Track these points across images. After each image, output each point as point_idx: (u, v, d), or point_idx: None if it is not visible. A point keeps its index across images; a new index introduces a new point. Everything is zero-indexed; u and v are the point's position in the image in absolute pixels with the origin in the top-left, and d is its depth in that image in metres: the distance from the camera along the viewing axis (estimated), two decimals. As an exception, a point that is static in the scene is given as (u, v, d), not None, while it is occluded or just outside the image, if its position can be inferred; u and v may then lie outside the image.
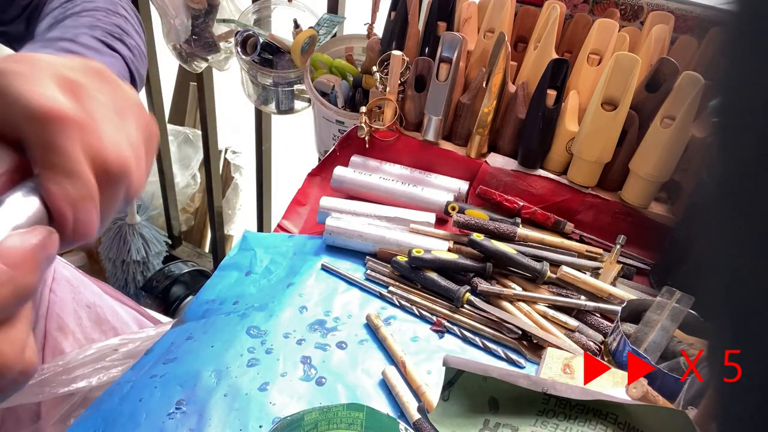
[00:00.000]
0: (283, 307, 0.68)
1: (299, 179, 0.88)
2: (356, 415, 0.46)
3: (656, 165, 0.74)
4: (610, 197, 0.80)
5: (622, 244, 0.74)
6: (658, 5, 0.86)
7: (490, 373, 0.48)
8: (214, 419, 0.56)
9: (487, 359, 0.64)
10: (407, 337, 0.66)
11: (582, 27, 0.87)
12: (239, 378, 0.60)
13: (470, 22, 0.91)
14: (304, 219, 0.84)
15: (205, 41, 1.35)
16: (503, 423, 0.48)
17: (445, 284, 0.69)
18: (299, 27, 1.15)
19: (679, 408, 0.50)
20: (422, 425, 0.55)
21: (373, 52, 0.93)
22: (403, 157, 0.88)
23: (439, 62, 0.82)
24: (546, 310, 0.68)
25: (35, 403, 0.70)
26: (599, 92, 0.75)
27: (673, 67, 0.74)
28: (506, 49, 0.79)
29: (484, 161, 0.84)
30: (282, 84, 1.23)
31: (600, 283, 0.69)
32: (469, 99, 0.85)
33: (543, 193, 0.82)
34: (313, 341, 0.65)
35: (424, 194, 0.82)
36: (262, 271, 0.74)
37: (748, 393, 0.19)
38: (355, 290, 0.72)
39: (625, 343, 0.59)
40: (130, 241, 1.58)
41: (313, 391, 0.60)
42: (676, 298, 0.63)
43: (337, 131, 0.98)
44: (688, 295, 0.62)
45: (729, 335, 0.20)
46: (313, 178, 0.89)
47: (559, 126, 0.80)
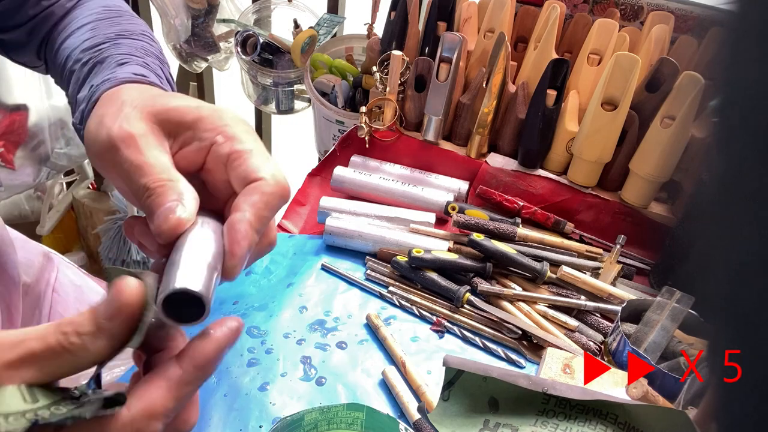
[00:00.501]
0: (283, 307, 0.68)
1: (299, 179, 0.88)
2: (356, 415, 0.46)
3: (656, 165, 0.74)
4: (610, 197, 0.80)
5: (622, 244, 0.74)
6: (658, 5, 0.86)
7: (490, 373, 0.48)
8: (214, 419, 0.56)
9: (487, 359, 0.64)
10: (407, 337, 0.66)
11: (582, 27, 0.87)
12: (239, 378, 0.60)
13: (470, 22, 0.91)
14: (304, 219, 0.84)
15: (205, 41, 1.35)
16: (503, 423, 0.48)
17: (445, 284, 0.69)
18: (299, 27, 1.15)
19: (679, 408, 0.50)
20: (422, 425, 0.55)
21: (373, 52, 0.93)
22: (403, 157, 0.88)
23: (439, 62, 0.82)
24: (546, 310, 0.68)
25: None
26: (599, 92, 0.75)
27: (673, 67, 0.74)
28: (506, 49, 0.79)
29: (484, 161, 0.84)
30: (282, 84, 1.23)
31: (600, 283, 0.69)
32: (469, 99, 0.85)
33: (543, 193, 0.82)
34: (313, 341, 0.65)
35: (424, 194, 0.82)
36: (262, 271, 0.74)
37: (748, 393, 0.19)
38: (355, 290, 0.72)
39: (625, 343, 0.59)
40: (130, 241, 1.58)
41: (313, 391, 0.60)
42: (676, 298, 0.63)
43: (337, 131, 0.98)
44: (688, 295, 0.62)
45: (729, 335, 0.20)
46: (313, 178, 0.89)
47: (559, 126, 0.80)
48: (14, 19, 0.55)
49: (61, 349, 0.28)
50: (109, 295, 0.30)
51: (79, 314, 0.29)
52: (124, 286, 0.29)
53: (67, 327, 0.29)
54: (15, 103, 1.32)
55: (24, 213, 1.64)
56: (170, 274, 0.31)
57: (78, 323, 0.29)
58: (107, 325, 0.29)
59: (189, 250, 0.32)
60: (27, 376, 0.28)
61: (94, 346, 0.29)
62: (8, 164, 1.34)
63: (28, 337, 0.29)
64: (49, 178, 1.48)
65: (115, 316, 0.29)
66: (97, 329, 0.29)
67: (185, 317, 0.31)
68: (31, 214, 1.65)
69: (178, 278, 0.31)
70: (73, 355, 0.29)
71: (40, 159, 1.41)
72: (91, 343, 0.29)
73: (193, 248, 0.33)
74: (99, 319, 0.29)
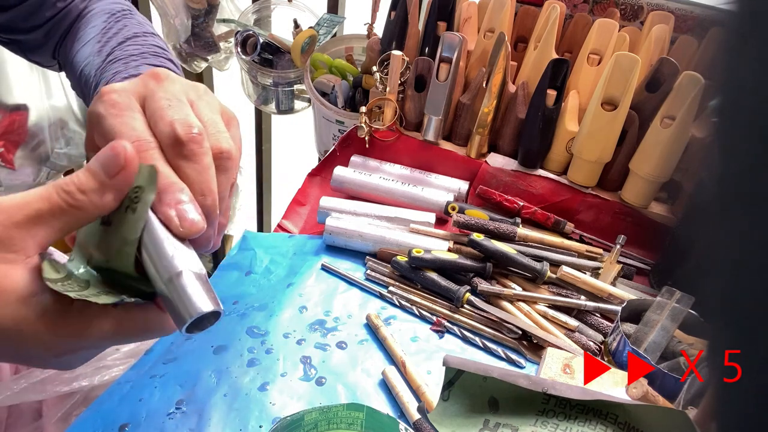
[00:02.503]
0: (283, 307, 0.68)
1: (299, 179, 0.88)
2: (356, 415, 0.46)
3: (656, 165, 0.74)
4: (610, 197, 0.80)
5: (622, 244, 0.74)
6: (658, 5, 0.86)
7: (490, 373, 0.48)
8: (214, 419, 0.56)
9: (487, 359, 0.64)
10: (407, 337, 0.66)
11: (582, 27, 0.87)
12: (239, 378, 0.60)
13: (470, 22, 0.91)
14: (304, 219, 0.84)
15: (205, 41, 1.35)
16: (503, 423, 0.48)
17: (445, 284, 0.69)
18: (299, 27, 1.15)
19: (679, 408, 0.50)
20: (422, 425, 0.55)
21: (373, 52, 0.93)
22: (403, 157, 0.88)
23: (439, 62, 0.82)
24: (546, 310, 0.68)
25: (37, 402, 0.70)
26: (599, 92, 0.75)
27: (673, 67, 0.74)
28: (506, 49, 0.79)
29: (484, 161, 0.84)
30: (282, 84, 1.23)
31: (600, 283, 0.69)
32: (469, 99, 0.85)
33: (543, 193, 0.82)
34: (313, 341, 0.65)
35: (424, 194, 0.82)
36: (262, 271, 0.74)
37: (748, 393, 0.19)
38: (355, 290, 0.72)
39: (625, 343, 0.59)
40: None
41: (313, 391, 0.60)
42: (676, 298, 0.63)
43: (337, 131, 0.98)
44: (688, 295, 0.62)
45: (729, 335, 0.20)
46: (313, 178, 0.89)
47: (559, 126, 0.80)
48: (32, 21, 0.57)
49: (67, 206, 0.32)
50: (103, 153, 0.32)
51: (76, 174, 0.32)
52: (117, 145, 0.32)
53: (68, 186, 0.32)
54: (15, 103, 1.32)
55: (24, 213, 1.64)
56: (180, 299, 0.34)
57: (79, 182, 0.32)
58: (111, 182, 0.32)
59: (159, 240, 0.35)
60: (40, 235, 0.31)
61: (102, 201, 0.32)
62: (8, 164, 1.34)
63: (31, 198, 0.31)
64: (49, 178, 1.48)
65: (117, 172, 0.32)
66: (101, 185, 0.32)
67: (204, 324, 0.35)
68: (31, 214, 1.65)
69: (193, 306, 0.33)
70: (82, 211, 0.32)
71: (40, 159, 1.40)
72: (98, 198, 0.32)
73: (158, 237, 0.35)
74: (99, 175, 0.32)
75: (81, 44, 0.55)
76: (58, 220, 0.32)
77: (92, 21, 0.57)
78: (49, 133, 1.39)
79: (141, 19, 0.58)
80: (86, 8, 0.59)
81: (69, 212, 0.32)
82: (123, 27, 0.55)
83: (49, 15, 0.57)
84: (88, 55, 0.53)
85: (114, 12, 0.57)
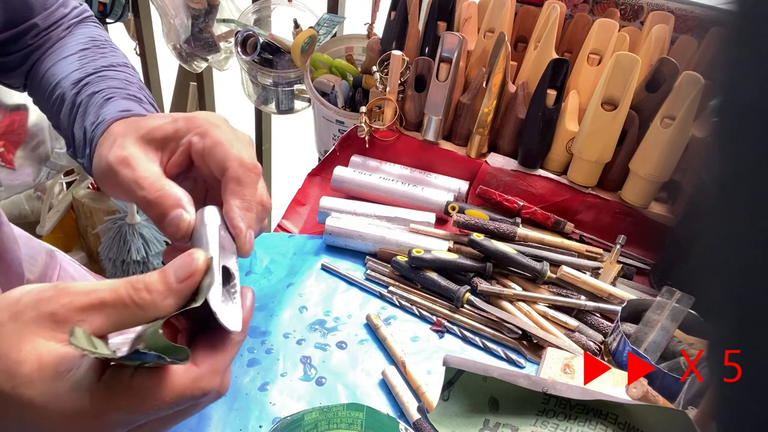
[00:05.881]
0: (283, 307, 0.68)
1: (299, 179, 0.88)
2: (356, 415, 0.46)
3: (656, 165, 0.74)
4: (610, 197, 0.80)
5: (622, 244, 0.74)
6: (658, 5, 0.86)
7: (490, 373, 0.48)
8: (214, 419, 0.56)
9: (487, 359, 0.64)
10: (407, 337, 0.66)
11: (582, 27, 0.87)
12: (239, 378, 0.60)
13: (470, 22, 0.91)
14: (304, 219, 0.84)
15: (205, 41, 1.35)
16: (503, 423, 0.48)
17: (445, 284, 0.69)
18: (299, 27, 1.15)
19: (679, 408, 0.50)
20: (422, 425, 0.55)
21: (373, 52, 0.93)
22: (403, 157, 0.88)
23: (439, 62, 0.82)
24: (546, 310, 0.68)
25: None
26: (599, 92, 0.75)
27: (673, 67, 0.74)
28: (506, 49, 0.79)
29: (484, 161, 0.84)
30: (282, 84, 1.23)
31: (600, 283, 0.69)
32: (469, 99, 0.85)
33: (543, 193, 0.82)
34: (313, 341, 0.65)
35: (424, 194, 0.82)
36: (262, 271, 0.74)
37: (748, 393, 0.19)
38: (355, 290, 0.72)
39: (625, 343, 0.59)
40: (130, 241, 1.58)
41: (313, 391, 0.60)
42: (676, 298, 0.63)
43: (337, 131, 0.98)
44: (688, 295, 0.62)
45: (729, 335, 0.20)
46: (313, 178, 0.89)
47: (559, 126, 0.80)
48: (14, 46, 0.58)
49: (131, 302, 0.33)
50: (179, 261, 0.35)
51: (148, 274, 0.34)
52: (195, 254, 0.35)
53: (138, 284, 0.33)
54: (15, 103, 1.32)
55: (24, 213, 1.64)
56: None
57: (149, 282, 0.33)
58: (177, 287, 0.34)
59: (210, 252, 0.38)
60: (96, 322, 0.32)
61: (163, 303, 0.33)
62: (8, 164, 1.34)
63: (100, 287, 0.33)
64: (49, 178, 1.48)
65: (187, 278, 0.34)
66: (167, 289, 0.34)
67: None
68: (31, 214, 1.65)
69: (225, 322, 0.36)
70: (141, 309, 0.33)
71: (39, 159, 1.40)
72: (160, 300, 0.33)
73: (211, 248, 0.38)
74: (169, 279, 0.34)
75: (54, 60, 0.56)
76: (118, 313, 0.33)
77: (71, 42, 0.58)
78: (49, 133, 1.39)
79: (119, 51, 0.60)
80: (65, 36, 0.60)
81: (129, 308, 0.33)
82: (103, 53, 0.57)
83: (31, 42, 0.58)
84: (64, 71, 0.54)
85: (94, 37, 0.59)
